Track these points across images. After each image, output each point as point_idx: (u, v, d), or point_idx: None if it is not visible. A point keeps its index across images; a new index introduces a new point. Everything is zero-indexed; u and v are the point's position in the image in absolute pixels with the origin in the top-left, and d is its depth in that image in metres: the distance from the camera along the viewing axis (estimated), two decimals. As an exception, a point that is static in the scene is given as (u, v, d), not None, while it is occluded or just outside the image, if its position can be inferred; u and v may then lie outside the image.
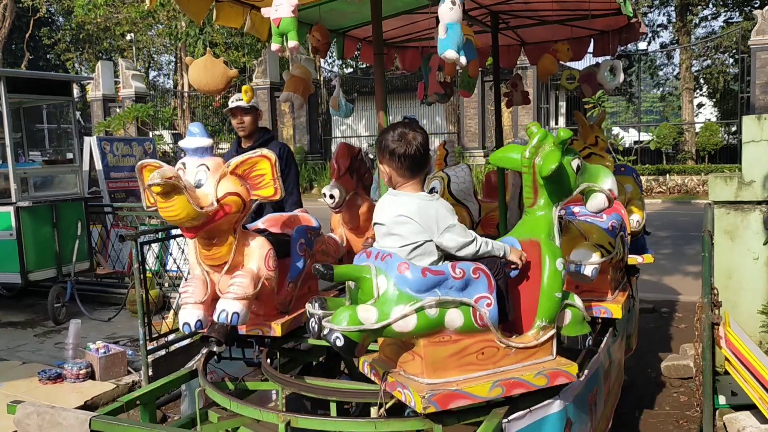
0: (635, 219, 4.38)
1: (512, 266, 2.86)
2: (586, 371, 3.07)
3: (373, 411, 2.74)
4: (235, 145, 5.02)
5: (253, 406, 2.85)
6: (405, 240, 2.59)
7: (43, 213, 7.52)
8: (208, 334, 3.18)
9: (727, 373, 4.17)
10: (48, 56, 39.66)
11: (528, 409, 2.64)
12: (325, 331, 2.45)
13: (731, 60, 29.42)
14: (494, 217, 5.26)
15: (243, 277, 3.04)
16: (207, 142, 2.99)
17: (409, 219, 2.59)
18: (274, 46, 2.94)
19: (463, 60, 2.68)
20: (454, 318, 2.50)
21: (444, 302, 2.48)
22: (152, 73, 41.70)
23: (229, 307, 2.96)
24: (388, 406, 2.73)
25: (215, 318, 2.99)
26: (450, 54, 2.82)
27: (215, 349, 3.24)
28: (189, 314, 3.02)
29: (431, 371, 2.52)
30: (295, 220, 3.77)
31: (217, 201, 2.89)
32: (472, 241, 2.66)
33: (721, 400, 4.42)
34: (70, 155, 8.70)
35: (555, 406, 2.73)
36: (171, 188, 2.72)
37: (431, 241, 2.60)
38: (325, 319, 2.47)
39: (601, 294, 3.63)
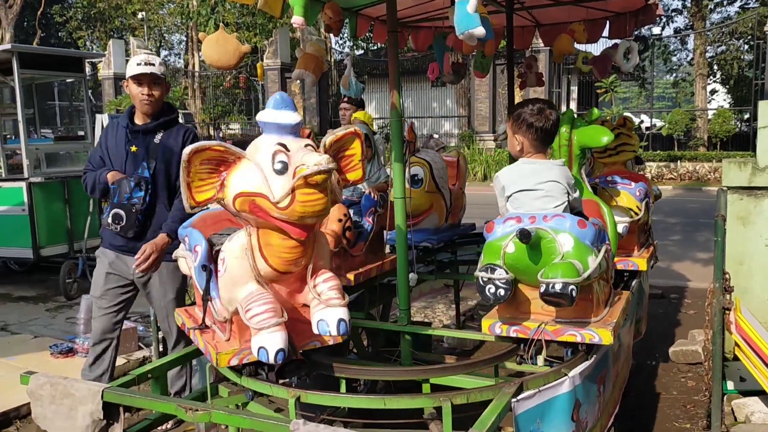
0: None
1: None
2: (595, 353, 3.07)
3: (540, 358, 3.07)
4: (120, 124, 3.99)
5: (263, 382, 2.87)
6: (557, 201, 2.99)
7: (55, 189, 7.56)
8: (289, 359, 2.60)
9: (736, 358, 4.17)
10: (60, 34, 39.67)
11: (537, 389, 2.65)
12: (543, 286, 2.73)
13: (746, 46, 29.07)
14: (459, 204, 5.47)
15: (334, 278, 2.60)
16: (298, 117, 2.49)
17: (558, 183, 3.01)
18: (296, 19, 2.90)
19: (480, 31, 2.64)
20: (604, 262, 2.97)
21: (607, 250, 3.01)
22: (163, 53, 41.66)
23: (344, 314, 2.52)
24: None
25: (334, 330, 2.49)
26: (468, 34, 2.77)
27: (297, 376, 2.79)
28: (273, 340, 2.41)
29: (599, 311, 3.01)
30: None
31: None
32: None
33: (730, 385, 4.42)
34: (81, 133, 8.72)
35: (564, 386, 2.74)
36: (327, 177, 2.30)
37: (568, 200, 3.04)
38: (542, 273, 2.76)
39: (629, 251, 4.28)
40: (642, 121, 28.83)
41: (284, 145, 2.35)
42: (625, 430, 4.33)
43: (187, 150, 2.33)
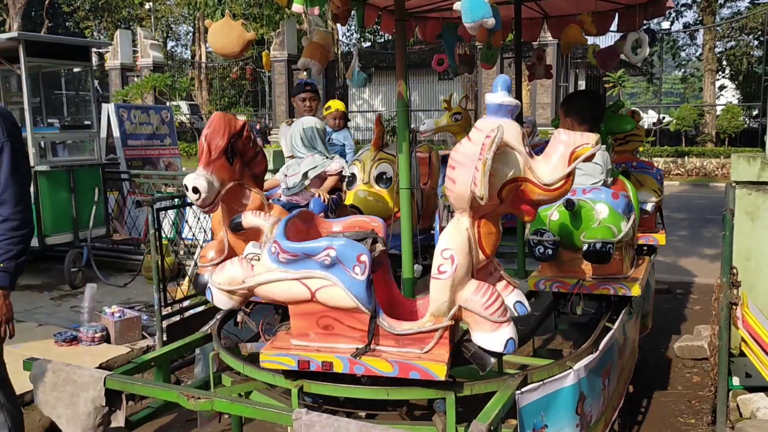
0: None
1: None
2: (601, 346, 3.05)
3: (579, 309, 3.55)
4: None
5: (266, 371, 2.85)
6: (595, 179, 3.64)
7: (61, 178, 7.55)
8: None
9: (742, 354, 4.13)
10: (67, 24, 39.68)
11: (541, 381, 2.63)
12: (586, 246, 3.34)
13: (756, 42, 28.88)
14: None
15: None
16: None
17: (598, 164, 3.63)
18: (296, 6, 2.87)
19: (492, 21, 2.60)
20: (631, 230, 3.62)
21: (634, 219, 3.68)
22: (170, 44, 41.68)
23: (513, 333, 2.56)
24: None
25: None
26: (479, 23, 2.73)
27: None
28: (513, 329, 2.47)
29: (627, 270, 3.70)
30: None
31: None
32: None
33: (735, 381, 4.39)
34: (88, 122, 8.72)
35: (569, 379, 2.72)
36: None
37: (605, 179, 3.67)
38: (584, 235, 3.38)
39: (650, 228, 4.75)
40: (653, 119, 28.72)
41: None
42: (629, 424, 4.32)
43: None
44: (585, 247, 3.35)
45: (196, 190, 2.95)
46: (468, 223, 2.44)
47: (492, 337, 2.42)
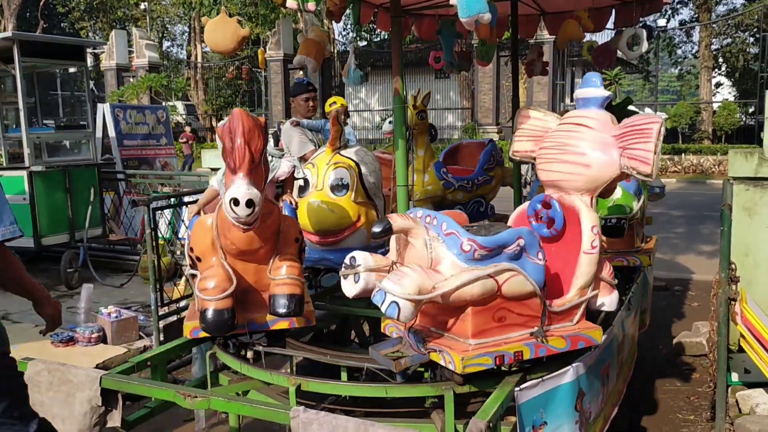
0: None
1: None
2: (600, 342, 3.04)
3: None
4: None
5: (263, 370, 2.84)
6: None
7: (56, 178, 7.52)
8: None
9: (740, 350, 4.13)
10: (62, 25, 39.57)
11: (540, 378, 2.62)
12: (603, 221, 3.50)
13: (752, 39, 28.91)
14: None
15: None
16: None
17: None
18: (290, 2, 2.85)
19: (487, 16, 2.58)
20: (640, 212, 4.25)
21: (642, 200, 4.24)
22: (166, 44, 41.58)
23: None
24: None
25: None
26: (475, 18, 2.71)
27: None
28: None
29: (638, 244, 4.46)
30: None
31: None
32: None
33: (734, 377, 4.38)
34: (83, 123, 8.69)
35: (568, 376, 2.71)
36: None
37: None
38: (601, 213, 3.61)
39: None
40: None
41: None
42: (628, 420, 4.30)
43: None
44: (602, 223, 3.37)
45: (251, 204, 2.61)
46: (581, 199, 2.89)
47: (612, 297, 2.99)
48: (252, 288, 2.99)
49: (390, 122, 5.00)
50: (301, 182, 3.83)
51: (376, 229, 2.51)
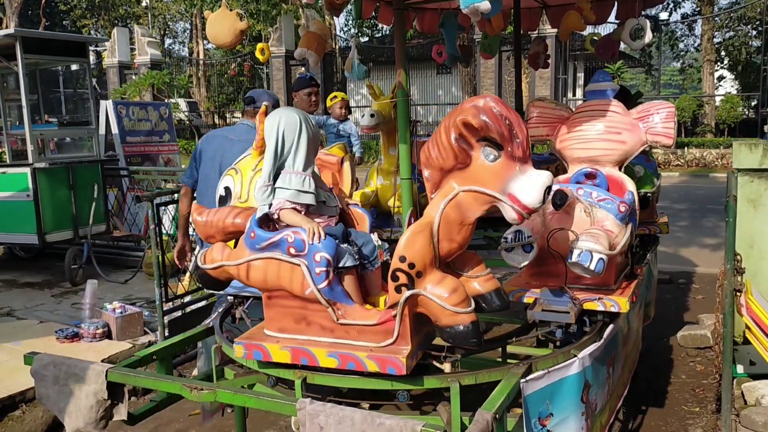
0: None
1: None
2: (605, 335, 3.03)
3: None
4: None
5: (268, 363, 2.83)
6: None
7: (60, 175, 7.53)
8: None
9: (746, 342, 4.12)
10: (64, 22, 39.57)
11: (546, 370, 2.61)
12: None
13: (754, 32, 28.83)
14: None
15: None
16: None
17: None
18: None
19: (486, 5, 2.57)
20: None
21: None
22: (167, 41, 41.58)
23: None
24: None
25: None
26: (483, 6, 2.69)
27: None
28: None
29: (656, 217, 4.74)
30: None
31: None
32: None
33: (739, 369, 4.37)
34: (86, 119, 8.70)
35: (573, 367, 2.70)
36: None
37: None
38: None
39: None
40: None
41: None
42: (634, 412, 4.31)
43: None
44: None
45: (549, 191, 2.64)
46: None
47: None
48: None
49: (372, 115, 4.36)
50: (221, 191, 3.15)
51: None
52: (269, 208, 2.60)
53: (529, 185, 2.39)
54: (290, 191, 2.57)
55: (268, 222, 2.62)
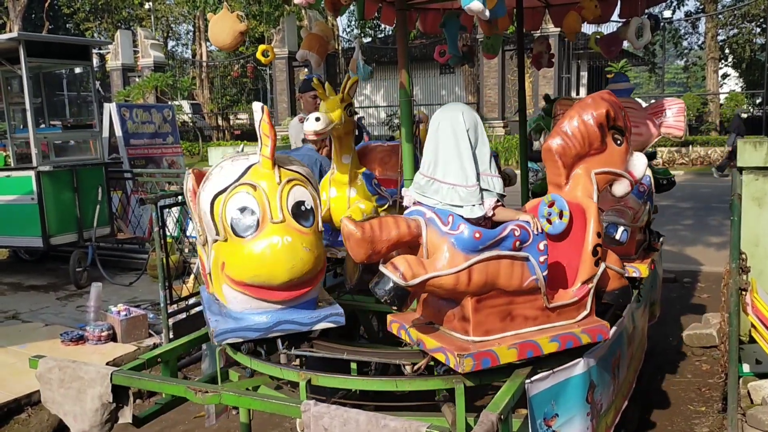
0: None
1: None
2: (610, 334, 3.02)
3: None
4: None
5: (273, 365, 2.84)
6: None
7: (64, 178, 7.55)
8: None
9: (752, 341, 4.10)
10: (67, 26, 39.64)
11: (551, 370, 2.61)
12: None
13: (758, 29, 28.74)
14: None
15: None
16: None
17: None
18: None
19: (486, 13, 2.57)
20: None
21: None
22: (170, 43, 41.62)
23: None
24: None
25: None
26: (475, 5, 2.69)
27: None
28: None
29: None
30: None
31: None
32: None
33: (745, 368, 4.36)
34: (90, 122, 8.72)
35: (578, 368, 2.70)
36: None
37: None
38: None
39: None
40: None
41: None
42: (640, 412, 4.29)
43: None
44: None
45: None
46: None
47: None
48: None
49: (317, 119, 3.42)
50: (233, 213, 2.74)
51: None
52: (474, 208, 2.57)
53: (638, 162, 2.97)
54: (496, 192, 2.69)
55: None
